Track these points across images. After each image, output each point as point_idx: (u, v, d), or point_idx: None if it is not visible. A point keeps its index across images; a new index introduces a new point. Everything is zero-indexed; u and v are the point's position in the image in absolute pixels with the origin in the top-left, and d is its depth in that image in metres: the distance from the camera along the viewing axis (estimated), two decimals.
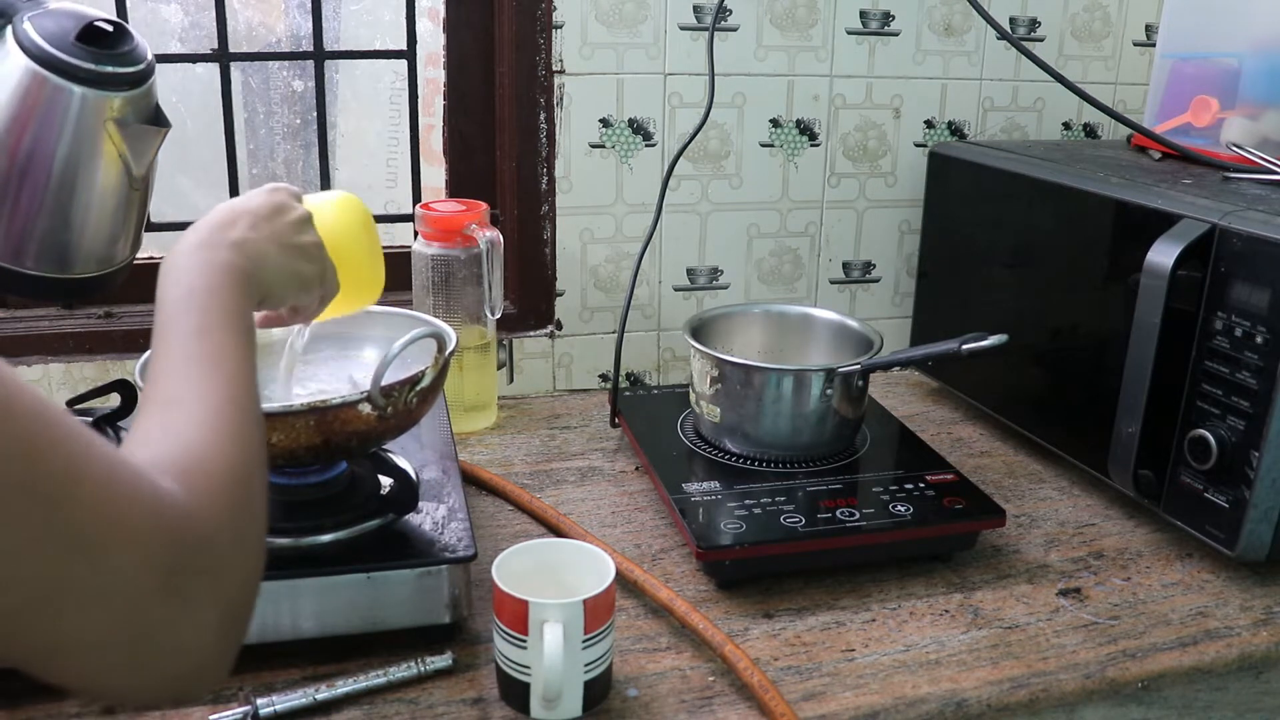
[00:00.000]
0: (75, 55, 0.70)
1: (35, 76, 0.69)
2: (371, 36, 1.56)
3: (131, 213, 0.78)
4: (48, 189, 0.72)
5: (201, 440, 0.50)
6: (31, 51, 0.69)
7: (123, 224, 0.78)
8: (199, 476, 0.48)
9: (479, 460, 1.12)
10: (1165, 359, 0.92)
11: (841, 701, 0.77)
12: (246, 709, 0.72)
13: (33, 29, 0.70)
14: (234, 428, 0.53)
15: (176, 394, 0.54)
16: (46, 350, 1.17)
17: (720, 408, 1.04)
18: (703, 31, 1.25)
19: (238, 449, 0.52)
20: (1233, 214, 0.88)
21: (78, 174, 0.73)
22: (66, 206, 0.73)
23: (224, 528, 0.47)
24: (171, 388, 0.54)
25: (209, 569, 0.46)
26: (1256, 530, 0.88)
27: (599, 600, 0.72)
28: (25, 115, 0.70)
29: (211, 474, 0.49)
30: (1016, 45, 1.21)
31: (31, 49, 0.69)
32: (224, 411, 0.53)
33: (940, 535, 0.94)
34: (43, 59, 0.69)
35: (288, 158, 1.61)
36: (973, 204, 1.23)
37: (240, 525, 0.49)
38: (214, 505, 0.47)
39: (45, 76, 0.69)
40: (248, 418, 0.55)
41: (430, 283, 1.14)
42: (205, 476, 0.48)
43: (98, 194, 0.75)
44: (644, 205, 1.29)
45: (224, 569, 0.47)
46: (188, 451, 0.49)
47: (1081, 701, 0.81)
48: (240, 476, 0.51)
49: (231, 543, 0.48)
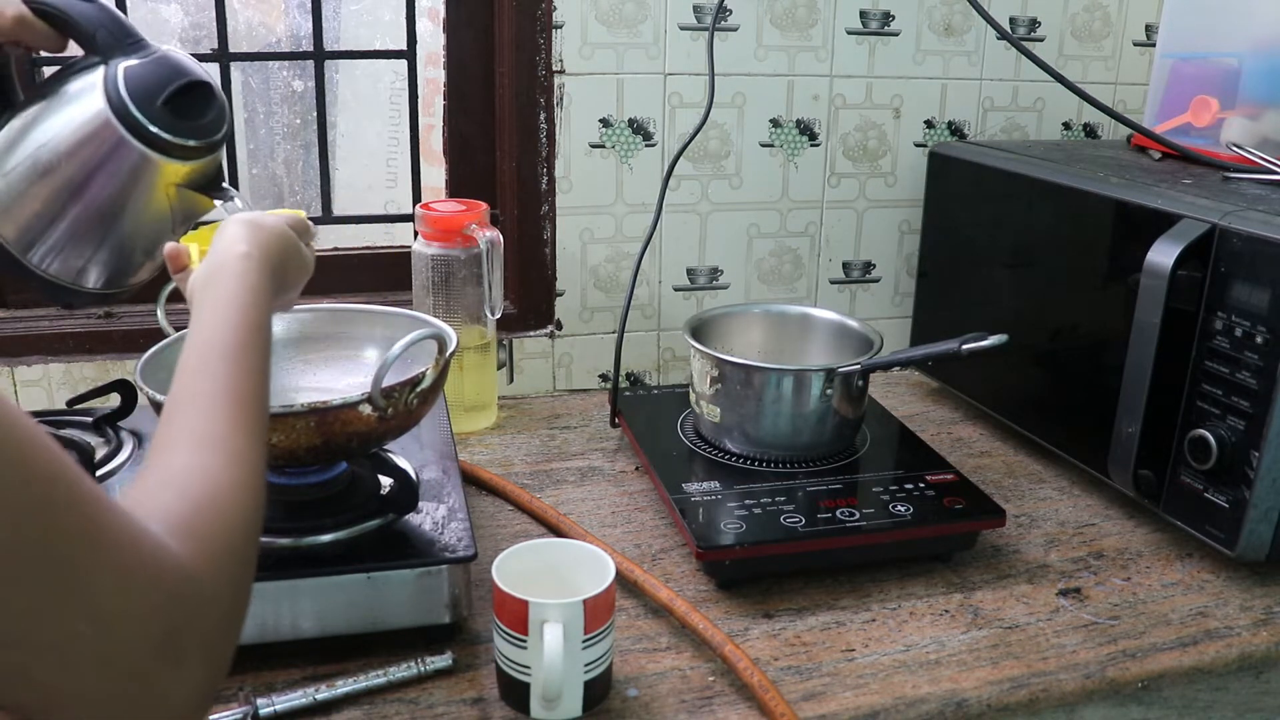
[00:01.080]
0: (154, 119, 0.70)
1: (109, 125, 0.70)
2: (371, 36, 1.56)
3: (163, 246, 0.79)
4: (89, 218, 0.73)
5: (214, 496, 0.50)
6: (113, 102, 0.69)
7: (151, 256, 0.79)
8: (206, 540, 0.48)
9: (479, 460, 1.12)
10: (1165, 359, 0.92)
11: (841, 701, 0.77)
12: (246, 709, 0.72)
13: (122, 79, 0.70)
14: (249, 480, 0.53)
15: (201, 431, 0.53)
16: (46, 350, 1.17)
17: (720, 408, 1.04)
18: (703, 31, 1.25)
19: (248, 505, 0.52)
20: (1233, 214, 0.88)
21: (125, 214, 0.74)
22: (103, 236, 0.74)
23: (223, 590, 0.48)
24: (200, 423, 0.54)
25: (204, 630, 0.46)
26: (1256, 530, 0.88)
27: (599, 600, 0.72)
28: (91, 154, 0.71)
29: (218, 536, 0.49)
30: (1016, 45, 1.21)
31: (114, 100, 0.70)
32: (242, 461, 0.53)
33: (940, 535, 0.94)
34: (121, 114, 0.69)
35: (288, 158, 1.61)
36: (973, 204, 1.23)
37: (238, 585, 0.49)
38: (216, 569, 0.47)
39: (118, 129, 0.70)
40: (261, 466, 0.55)
41: (430, 283, 1.14)
42: (211, 540, 0.48)
43: (138, 233, 0.76)
44: (644, 205, 1.29)
45: (218, 630, 0.47)
46: (199, 510, 0.49)
47: (1081, 701, 0.81)
48: (248, 535, 0.51)
49: (228, 604, 0.48)
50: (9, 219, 0.72)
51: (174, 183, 0.73)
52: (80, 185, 0.71)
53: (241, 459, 0.53)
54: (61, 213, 0.72)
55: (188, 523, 0.48)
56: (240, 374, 0.57)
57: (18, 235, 0.73)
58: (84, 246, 0.74)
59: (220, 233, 0.70)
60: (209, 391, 0.55)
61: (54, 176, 0.71)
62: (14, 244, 0.73)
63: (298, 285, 0.76)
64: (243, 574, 0.50)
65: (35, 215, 0.72)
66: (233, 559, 0.49)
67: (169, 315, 0.95)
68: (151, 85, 0.70)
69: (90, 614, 0.41)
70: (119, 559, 0.42)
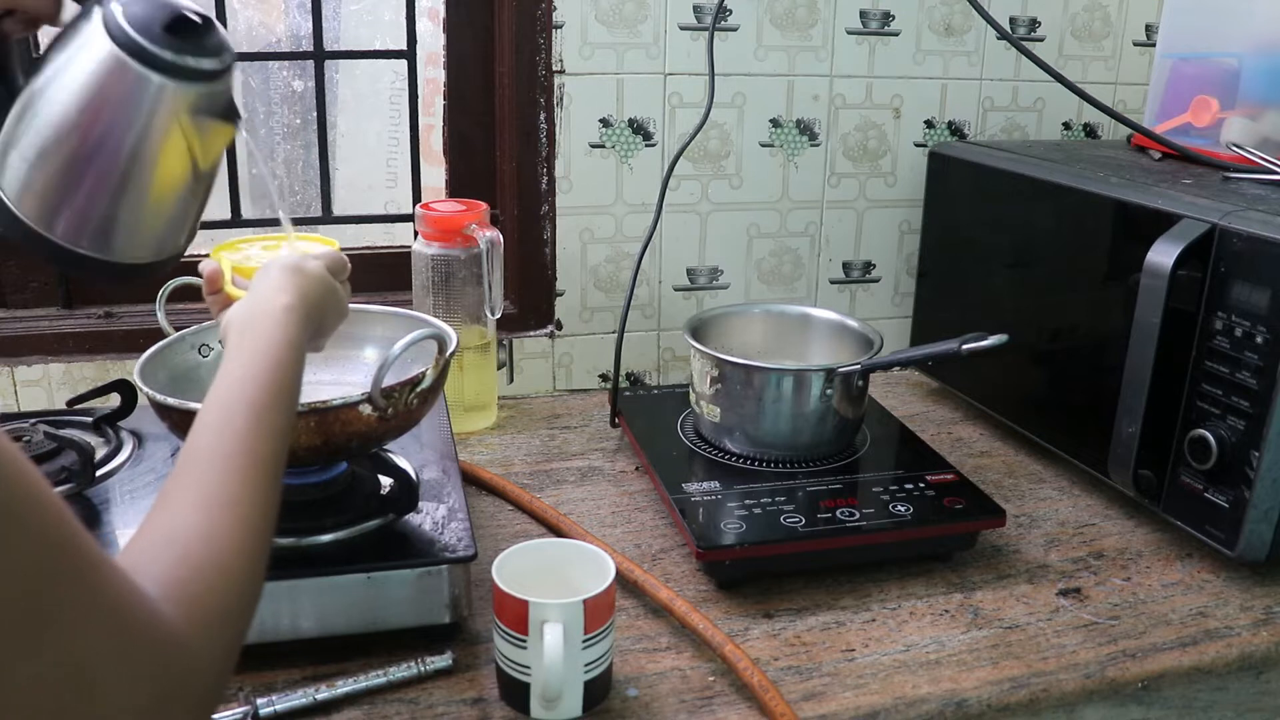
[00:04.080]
0: (159, 44, 0.70)
1: (117, 61, 0.70)
2: (371, 36, 1.56)
3: (192, 205, 0.78)
4: (114, 172, 0.72)
5: (218, 563, 0.50)
6: (116, 36, 0.70)
7: (182, 215, 0.78)
8: (202, 608, 0.47)
9: (479, 460, 1.12)
10: (1165, 359, 0.92)
11: (841, 701, 0.77)
12: (246, 709, 0.72)
13: (120, 13, 0.70)
14: (254, 547, 0.52)
15: (214, 492, 0.53)
16: (46, 350, 1.17)
17: (720, 408, 1.04)
18: (703, 31, 1.25)
19: (249, 571, 0.51)
20: (1233, 214, 0.88)
21: (146, 160, 0.73)
22: (130, 191, 0.73)
23: (216, 657, 0.47)
24: (213, 482, 0.53)
25: (192, 696, 0.46)
26: (1256, 530, 0.88)
27: (599, 600, 0.72)
28: (103, 97, 0.71)
29: (215, 604, 0.48)
30: (1016, 45, 1.21)
31: (117, 34, 0.70)
32: (250, 526, 0.52)
33: (940, 535, 0.94)
34: (126, 44, 0.70)
35: (288, 158, 1.61)
36: (973, 204, 1.23)
37: (230, 649, 0.49)
38: (209, 636, 0.47)
39: (126, 62, 0.70)
40: (268, 528, 0.54)
41: (430, 283, 1.14)
42: (208, 607, 0.48)
43: (162, 182, 0.75)
44: (644, 205, 1.29)
45: (206, 693, 0.47)
46: (199, 574, 0.48)
47: (1081, 701, 0.81)
48: (243, 602, 0.50)
49: (219, 669, 0.48)
50: (34, 197, 0.72)
51: (189, 109, 0.73)
52: (99, 137, 0.71)
53: (250, 524, 0.52)
54: (83, 174, 0.72)
55: (186, 588, 0.47)
56: (263, 435, 0.56)
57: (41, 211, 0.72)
58: (114, 207, 0.73)
59: (264, 276, 0.70)
60: (227, 451, 0.55)
61: (71, 135, 0.71)
62: (38, 220, 0.72)
63: (332, 330, 0.76)
64: (235, 639, 0.50)
65: (58, 183, 0.71)
66: (227, 625, 0.49)
67: (169, 315, 0.95)
68: (152, 15, 0.71)
69: (82, 682, 0.41)
70: (115, 628, 0.42)
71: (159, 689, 0.44)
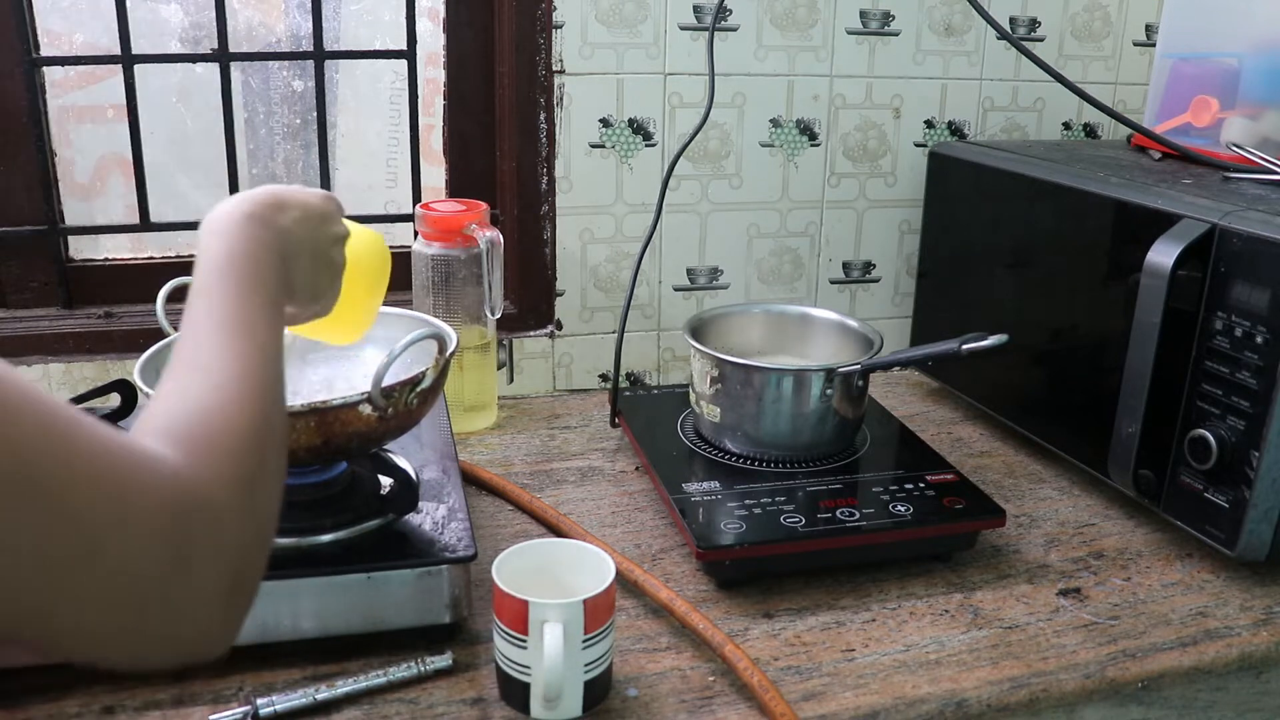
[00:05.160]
0: None
1: None
2: (371, 36, 1.56)
3: None
4: None
5: (215, 405, 0.50)
6: None
7: None
8: (203, 441, 0.48)
9: (479, 460, 1.12)
10: (1165, 359, 0.92)
11: (841, 701, 0.77)
12: (246, 709, 0.72)
13: None
14: (252, 394, 0.52)
15: (203, 359, 0.54)
16: (46, 350, 1.17)
17: (720, 408, 1.04)
18: (703, 31, 1.25)
19: (251, 415, 0.51)
20: (1233, 214, 0.88)
21: None
22: None
23: (225, 490, 0.47)
24: (199, 353, 0.54)
25: (209, 531, 0.45)
26: (1256, 530, 0.88)
27: (599, 600, 0.72)
28: None
29: (217, 438, 0.48)
30: (1016, 45, 1.21)
31: None
32: (244, 378, 0.53)
33: (940, 535, 0.94)
34: None
35: (288, 158, 1.61)
36: (973, 204, 1.23)
37: (245, 489, 0.48)
38: (216, 468, 0.47)
39: None
40: (268, 387, 0.54)
41: (430, 283, 1.14)
42: (209, 441, 0.48)
43: None
44: (644, 205, 1.29)
45: (225, 531, 0.46)
46: (197, 416, 0.49)
47: (1081, 701, 0.81)
48: (251, 443, 0.50)
49: (234, 505, 0.47)
50: None
51: None
52: None
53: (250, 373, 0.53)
54: None
55: (185, 426, 0.48)
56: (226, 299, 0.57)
57: None
58: None
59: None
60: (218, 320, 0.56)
61: None
62: None
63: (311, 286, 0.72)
64: (251, 483, 0.49)
65: None
66: (234, 461, 0.48)
67: (169, 315, 0.95)
68: None
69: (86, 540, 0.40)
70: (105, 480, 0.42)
71: (173, 527, 0.43)
